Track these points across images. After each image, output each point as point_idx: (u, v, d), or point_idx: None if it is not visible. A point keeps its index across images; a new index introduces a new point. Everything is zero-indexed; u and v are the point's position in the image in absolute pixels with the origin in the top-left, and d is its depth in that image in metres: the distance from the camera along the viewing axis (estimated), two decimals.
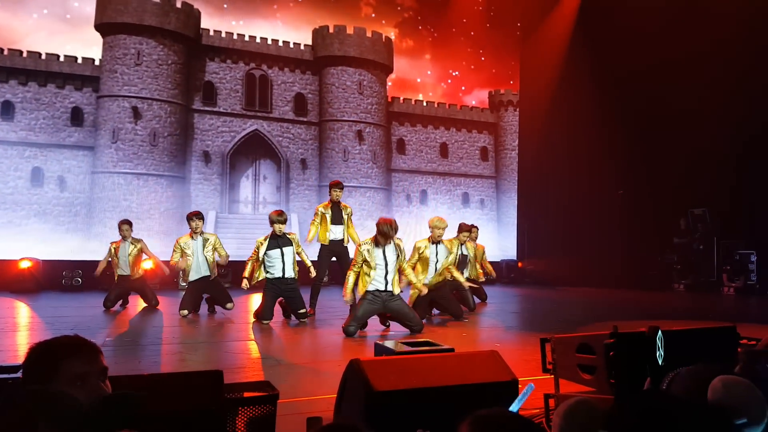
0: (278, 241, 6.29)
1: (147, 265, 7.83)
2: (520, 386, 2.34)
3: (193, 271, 6.83)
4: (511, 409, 1.53)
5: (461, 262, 7.36)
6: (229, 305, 6.90)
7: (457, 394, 2.22)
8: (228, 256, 7.01)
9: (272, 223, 6.32)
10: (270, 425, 2.19)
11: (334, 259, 7.09)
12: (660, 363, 1.94)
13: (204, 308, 7.12)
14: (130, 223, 7.65)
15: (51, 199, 14.73)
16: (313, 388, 3.47)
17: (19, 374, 2.13)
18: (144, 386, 1.98)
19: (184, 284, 7.01)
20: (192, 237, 6.87)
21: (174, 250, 6.86)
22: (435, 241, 6.36)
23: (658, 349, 2.02)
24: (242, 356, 4.67)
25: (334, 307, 7.32)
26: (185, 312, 6.69)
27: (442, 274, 6.53)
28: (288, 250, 6.30)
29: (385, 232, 5.48)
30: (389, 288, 5.61)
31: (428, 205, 21.52)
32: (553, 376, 2.78)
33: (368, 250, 5.56)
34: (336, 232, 6.94)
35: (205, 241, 6.88)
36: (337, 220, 6.96)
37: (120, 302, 7.56)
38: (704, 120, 10.54)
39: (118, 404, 1.31)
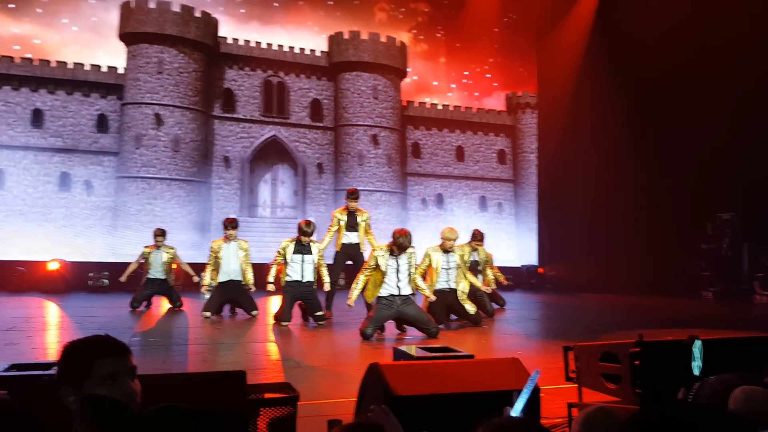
0: (302, 247, 6.50)
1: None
2: (541, 395, 2.32)
3: (223, 274, 7.00)
4: (519, 399, 1.52)
5: (472, 268, 7.37)
6: (254, 312, 7.03)
7: (477, 401, 2.21)
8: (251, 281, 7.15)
9: (300, 232, 6.50)
10: (290, 426, 2.21)
11: (349, 262, 7.15)
12: (697, 374, 1.91)
13: (226, 309, 7.20)
14: (164, 233, 7.88)
15: (78, 203, 15.08)
16: (333, 391, 3.49)
17: (52, 371, 2.19)
18: (171, 385, 2.01)
19: (209, 288, 7.14)
20: (225, 241, 7.09)
21: (209, 260, 7.11)
22: (446, 250, 6.44)
23: (695, 359, 1.99)
24: (263, 357, 4.72)
25: (352, 311, 7.34)
26: (208, 314, 6.84)
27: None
28: (308, 258, 6.53)
29: (401, 244, 5.61)
30: (402, 293, 5.65)
31: (444, 208, 21.48)
32: (576, 385, 2.75)
33: (382, 256, 5.67)
34: (351, 237, 7.05)
35: (239, 246, 7.10)
36: (352, 226, 7.06)
37: (145, 303, 7.73)
38: (731, 121, 10.34)
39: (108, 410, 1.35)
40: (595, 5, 13.40)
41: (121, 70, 17.03)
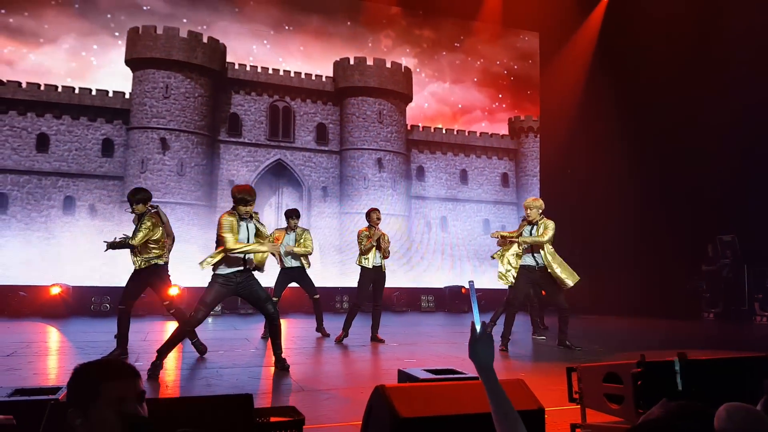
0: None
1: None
2: (546, 416, 2.33)
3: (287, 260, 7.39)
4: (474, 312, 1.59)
5: None
6: (316, 296, 7.48)
7: (483, 422, 2.22)
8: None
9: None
10: None
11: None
12: (679, 389, 1.94)
13: (237, 333, 7.19)
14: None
15: (82, 227, 15.11)
16: (339, 415, 3.48)
17: (57, 395, 2.20)
18: (177, 409, 2.03)
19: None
20: (287, 232, 7.41)
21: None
22: (532, 223, 6.50)
23: (678, 376, 2.01)
24: (267, 382, 4.70)
25: (359, 333, 7.34)
26: (276, 298, 7.20)
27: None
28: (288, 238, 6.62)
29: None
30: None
31: (448, 231, 21.48)
32: (579, 406, 2.75)
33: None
34: (377, 258, 6.98)
35: (298, 235, 7.40)
36: (378, 245, 6.99)
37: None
38: (731, 143, 10.42)
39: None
40: (598, 31, 13.65)
41: (127, 96, 17.29)
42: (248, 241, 4.98)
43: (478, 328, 1.64)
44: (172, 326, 7.84)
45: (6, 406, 2.10)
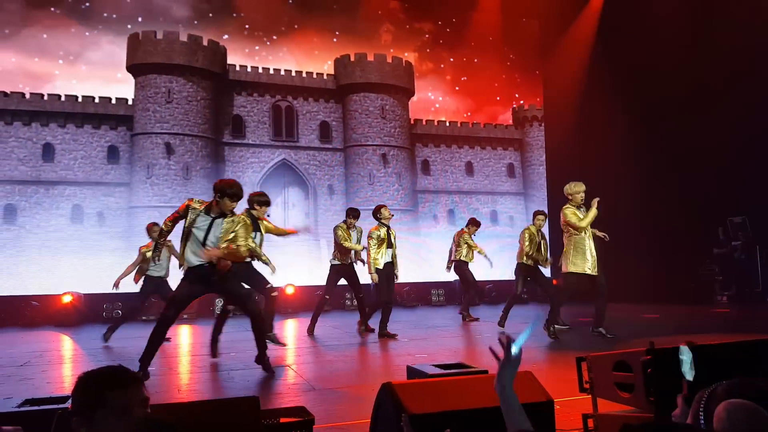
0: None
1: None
2: (556, 407, 2.31)
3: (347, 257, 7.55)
4: (519, 340, 1.54)
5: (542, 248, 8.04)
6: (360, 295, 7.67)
7: (492, 416, 2.21)
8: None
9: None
10: None
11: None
12: (689, 379, 1.90)
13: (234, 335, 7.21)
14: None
15: (91, 235, 15.23)
16: (348, 413, 3.48)
17: (66, 405, 2.21)
18: (183, 414, 2.03)
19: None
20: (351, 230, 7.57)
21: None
22: (579, 205, 6.90)
23: (683, 365, 1.98)
24: (277, 382, 4.71)
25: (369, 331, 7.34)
26: (327, 297, 7.60)
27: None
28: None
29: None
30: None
31: (456, 224, 21.42)
32: (590, 396, 2.73)
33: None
34: (388, 255, 7.02)
35: (359, 233, 7.63)
36: (390, 243, 7.01)
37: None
38: (739, 124, 10.29)
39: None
40: (598, 16, 13.51)
41: (130, 102, 17.39)
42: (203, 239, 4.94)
43: (514, 350, 1.59)
44: (178, 331, 7.89)
45: (15, 416, 2.12)
